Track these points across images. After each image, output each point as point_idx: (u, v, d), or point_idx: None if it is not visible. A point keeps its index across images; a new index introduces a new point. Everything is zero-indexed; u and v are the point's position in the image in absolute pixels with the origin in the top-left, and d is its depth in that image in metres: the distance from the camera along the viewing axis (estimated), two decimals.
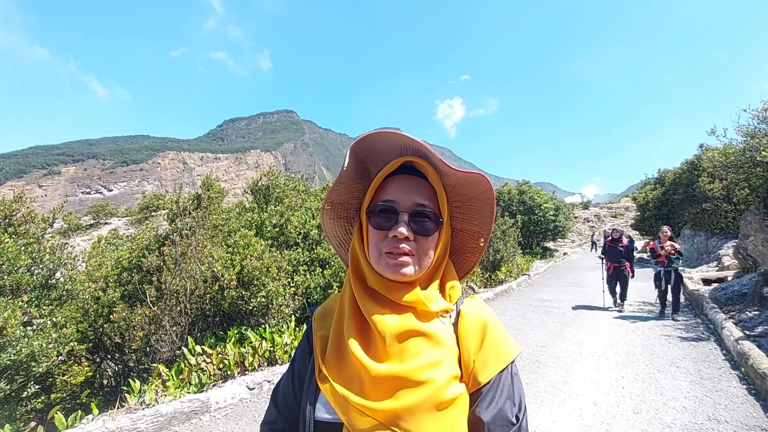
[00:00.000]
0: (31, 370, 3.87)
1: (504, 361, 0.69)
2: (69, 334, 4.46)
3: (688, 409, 3.69)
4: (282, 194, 8.21)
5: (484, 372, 0.68)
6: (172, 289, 5.08)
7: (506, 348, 0.71)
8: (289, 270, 6.24)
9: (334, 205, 0.82)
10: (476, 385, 0.67)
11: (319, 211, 0.79)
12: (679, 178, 17.46)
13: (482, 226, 0.81)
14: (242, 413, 3.91)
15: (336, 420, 0.66)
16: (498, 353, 0.70)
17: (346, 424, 0.63)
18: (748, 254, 8.86)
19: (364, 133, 0.72)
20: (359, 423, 0.62)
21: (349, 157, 0.72)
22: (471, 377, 0.68)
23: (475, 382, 0.67)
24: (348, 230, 0.87)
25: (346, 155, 0.72)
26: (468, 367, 0.68)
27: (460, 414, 0.64)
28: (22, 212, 4.65)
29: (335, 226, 0.86)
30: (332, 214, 0.83)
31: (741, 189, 11.29)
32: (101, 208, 31.47)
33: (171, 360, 4.98)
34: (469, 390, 0.68)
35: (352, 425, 0.63)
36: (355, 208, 0.85)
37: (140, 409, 3.72)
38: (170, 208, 6.01)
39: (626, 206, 41.12)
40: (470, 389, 0.68)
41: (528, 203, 21.36)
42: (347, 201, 0.83)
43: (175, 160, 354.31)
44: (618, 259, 8.47)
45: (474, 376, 0.68)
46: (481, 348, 0.69)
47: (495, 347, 0.70)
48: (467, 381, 0.68)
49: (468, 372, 0.68)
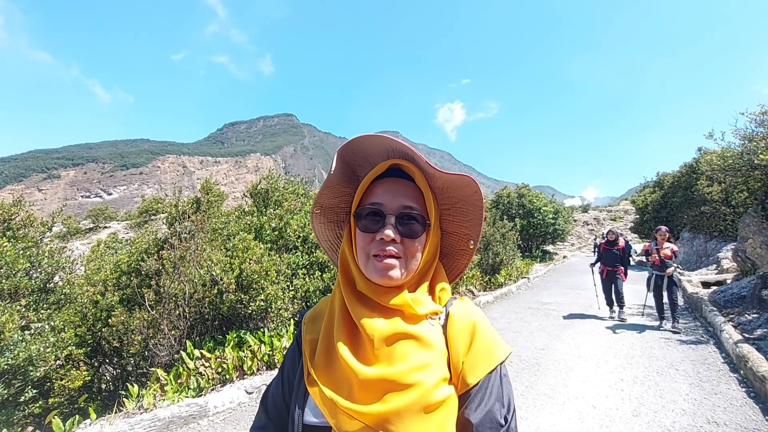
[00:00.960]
0: (29, 374, 3.85)
1: (493, 363, 0.69)
2: (67, 338, 4.45)
3: (687, 412, 3.69)
4: (281, 198, 8.22)
5: (473, 373, 0.68)
6: (170, 292, 5.07)
7: (495, 349, 0.71)
8: (288, 273, 6.23)
9: (324, 209, 0.82)
10: (465, 387, 0.67)
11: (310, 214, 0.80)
12: (678, 181, 17.50)
13: (472, 228, 0.81)
14: (240, 417, 3.89)
15: (324, 424, 0.66)
16: (487, 355, 0.70)
17: (334, 427, 0.63)
18: (747, 257, 8.86)
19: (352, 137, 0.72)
20: (347, 426, 0.62)
21: (337, 160, 0.73)
22: (460, 379, 0.68)
23: (464, 384, 0.67)
24: (338, 234, 0.88)
25: (333, 159, 0.73)
26: (457, 368, 0.68)
27: (448, 416, 0.64)
28: (21, 216, 4.65)
29: (325, 230, 0.86)
30: (322, 218, 0.84)
31: (739, 192, 11.32)
32: (101, 212, 31.47)
33: (169, 364, 4.96)
34: (458, 392, 0.67)
35: (340, 429, 0.63)
36: (344, 212, 0.85)
37: (138, 413, 3.71)
38: (169, 211, 6.02)
39: (625, 209, 41.15)
40: (459, 391, 0.67)
41: (527, 206, 21.38)
42: (336, 205, 0.83)
43: (175, 164, 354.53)
44: (613, 263, 7.99)
45: (463, 378, 0.68)
46: (470, 350, 0.69)
47: (484, 349, 0.70)
48: (456, 383, 0.68)
49: (457, 374, 0.68)
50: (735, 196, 12.15)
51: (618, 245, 8.02)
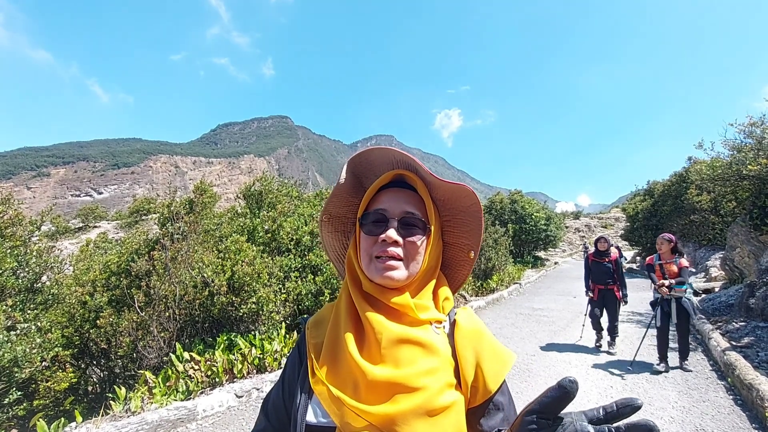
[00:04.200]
0: (14, 375, 3.78)
1: (507, 368, 0.73)
2: (54, 339, 4.38)
3: (675, 420, 3.72)
4: (275, 200, 8.19)
5: (493, 380, 0.70)
6: (161, 294, 5.02)
7: (505, 356, 0.75)
8: (280, 276, 6.20)
9: (332, 218, 0.87)
10: (487, 394, 0.70)
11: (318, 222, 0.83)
12: (668, 190, 17.73)
13: (471, 238, 0.84)
14: (230, 421, 3.85)
15: (328, 424, 0.66)
16: (501, 361, 0.73)
17: (340, 426, 0.64)
18: (735, 266, 9.00)
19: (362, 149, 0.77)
20: (353, 424, 0.63)
21: (346, 170, 0.77)
22: (478, 388, 0.70)
23: (485, 391, 0.70)
24: (345, 244, 0.91)
25: (342, 169, 0.78)
26: (468, 376, 0.70)
27: (452, 422, 0.65)
28: (9, 214, 4.58)
29: (333, 239, 0.90)
30: (330, 227, 0.88)
31: (728, 201, 11.51)
32: (90, 211, 31.06)
33: (158, 366, 4.90)
34: (478, 399, 0.70)
35: (345, 428, 0.63)
36: (351, 222, 0.89)
37: (125, 416, 3.66)
38: (162, 212, 5.97)
39: (616, 216, 41.60)
40: (479, 399, 0.70)
41: (520, 212, 21.53)
42: (344, 215, 0.88)
43: (167, 164, 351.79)
44: (605, 280, 6.17)
45: (484, 385, 0.70)
46: (483, 357, 0.72)
47: (496, 356, 0.73)
48: (467, 392, 0.69)
49: (467, 382, 0.70)
50: (724, 206, 12.35)
51: (609, 256, 6.25)
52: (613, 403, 0.48)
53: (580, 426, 0.48)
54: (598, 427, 0.48)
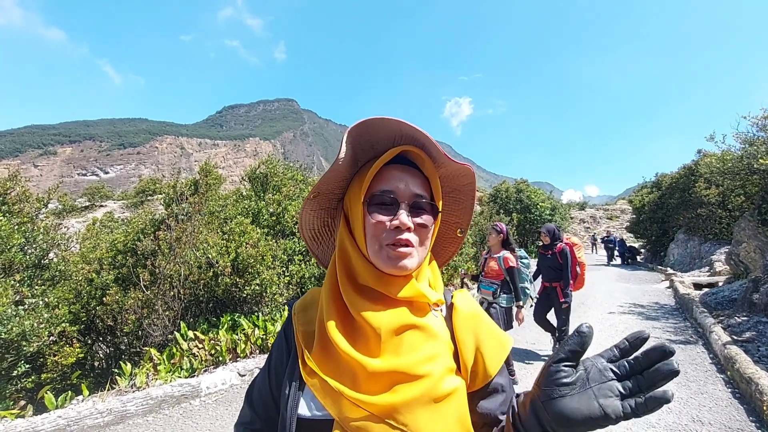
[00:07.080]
0: (22, 349, 3.87)
1: (505, 352, 0.71)
2: (61, 314, 4.45)
3: (672, 410, 3.74)
4: (280, 183, 8.18)
5: (492, 365, 0.69)
6: (166, 273, 5.08)
7: (503, 339, 0.73)
8: (284, 259, 6.24)
9: (320, 195, 0.77)
10: (486, 378, 0.68)
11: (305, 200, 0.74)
12: (676, 183, 17.53)
13: (462, 216, 0.82)
14: (233, 399, 3.93)
15: (322, 417, 0.63)
16: (500, 345, 0.71)
17: (338, 418, 0.61)
18: (740, 260, 8.94)
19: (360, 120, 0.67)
20: (352, 414, 0.60)
21: (346, 143, 0.68)
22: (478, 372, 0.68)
23: (485, 376, 0.68)
24: (326, 222, 0.84)
25: (342, 142, 0.67)
26: (468, 361, 0.68)
27: (454, 407, 0.64)
28: (16, 191, 4.62)
29: (313, 217, 0.81)
30: (314, 205, 0.79)
31: (737, 196, 11.37)
32: (97, 191, 31.33)
33: (163, 344, 4.99)
34: (478, 383, 0.68)
35: (344, 418, 0.61)
36: (338, 198, 0.81)
37: (131, 391, 3.74)
38: (167, 192, 5.99)
39: (622, 208, 41.29)
40: (479, 383, 0.68)
41: (525, 202, 21.43)
42: (332, 191, 0.78)
43: (173, 145, 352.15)
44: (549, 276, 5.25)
45: (484, 369, 0.68)
46: (482, 341, 0.70)
47: (494, 339, 0.71)
48: (467, 376, 0.68)
49: (467, 367, 0.68)
50: (732, 200, 12.20)
51: (555, 248, 5.08)
52: (624, 340, 0.52)
53: (602, 365, 0.53)
54: (617, 363, 0.52)
